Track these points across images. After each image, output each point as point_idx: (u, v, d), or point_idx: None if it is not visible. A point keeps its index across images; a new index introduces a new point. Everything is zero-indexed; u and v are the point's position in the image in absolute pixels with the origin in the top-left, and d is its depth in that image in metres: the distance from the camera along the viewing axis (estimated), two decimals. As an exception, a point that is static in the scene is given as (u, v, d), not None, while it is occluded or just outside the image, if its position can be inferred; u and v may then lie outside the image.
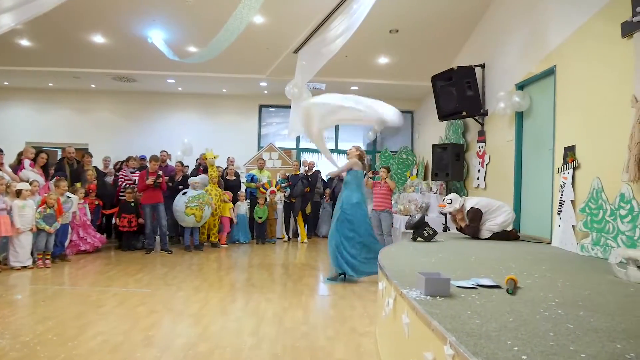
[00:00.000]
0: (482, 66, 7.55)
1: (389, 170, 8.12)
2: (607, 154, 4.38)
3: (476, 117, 7.53)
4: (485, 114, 7.37)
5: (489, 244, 4.92)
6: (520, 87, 6.34)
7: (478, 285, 2.64)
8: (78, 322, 3.88)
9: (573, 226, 4.65)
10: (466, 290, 2.52)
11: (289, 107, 10.30)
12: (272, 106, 12.47)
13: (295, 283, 5.81)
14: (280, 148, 11.73)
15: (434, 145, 8.33)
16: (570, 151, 4.99)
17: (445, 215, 5.52)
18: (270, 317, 4.26)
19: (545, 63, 5.66)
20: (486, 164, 7.35)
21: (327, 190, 10.77)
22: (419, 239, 4.95)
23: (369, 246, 5.73)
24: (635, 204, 3.77)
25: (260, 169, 10.70)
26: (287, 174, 10.79)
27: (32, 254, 6.33)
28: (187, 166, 10.13)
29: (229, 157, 10.51)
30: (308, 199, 10.12)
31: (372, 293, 5.27)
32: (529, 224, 6.13)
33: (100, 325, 3.83)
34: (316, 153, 12.73)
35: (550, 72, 5.54)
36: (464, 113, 7.38)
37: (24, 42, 8.55)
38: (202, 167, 9.56)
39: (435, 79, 7.78)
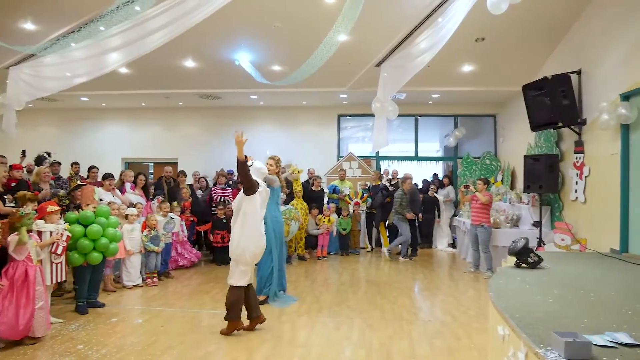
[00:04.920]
0: (578, 72, 7.16)
1: (485, 182, 7.90)
2: None
3: (572, 127, 7.16)
4: (584, 123, 6.99)
5: (597, 270, 4.69)
6: (626, 97, 5.95)
7: (617, 343, 2.54)
8: (199, 352, 4.16)
9: (699, 255, 4.33)
10: (607, 351, 2.42)
11: (368, 115, 10.30)
12: (351, 115, 12.50)
13: (392, 305, 5.84)
14: (359, 157, 11.74)
15: (525, 156, 7.97)
16: (691, 171, 4.65)
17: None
18: (377, 347, 4.32)
19: (657, 74, 5.29)
20: (585, 176, 6.97)
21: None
22: (522, 265, 4.81)
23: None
24: None
25: (342, 179, 10.79)
26: (367, 184, 10.80)
27: (140, 272, 6.83)
28: (266, 181, 10.41)
29: (309, 169, 10.70)
30: (389, 210, 10.04)
31: (473, 319, 5.21)
32: (639, 244, 5.77)
33: (219, 356, 4.08)
34: (396, 161, 12.63)
35: (663, 84, 5.17)
36: (560, 124, 7.05)
37: (122, 70, 9.18)
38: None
39: (526, 88, 7.47)
